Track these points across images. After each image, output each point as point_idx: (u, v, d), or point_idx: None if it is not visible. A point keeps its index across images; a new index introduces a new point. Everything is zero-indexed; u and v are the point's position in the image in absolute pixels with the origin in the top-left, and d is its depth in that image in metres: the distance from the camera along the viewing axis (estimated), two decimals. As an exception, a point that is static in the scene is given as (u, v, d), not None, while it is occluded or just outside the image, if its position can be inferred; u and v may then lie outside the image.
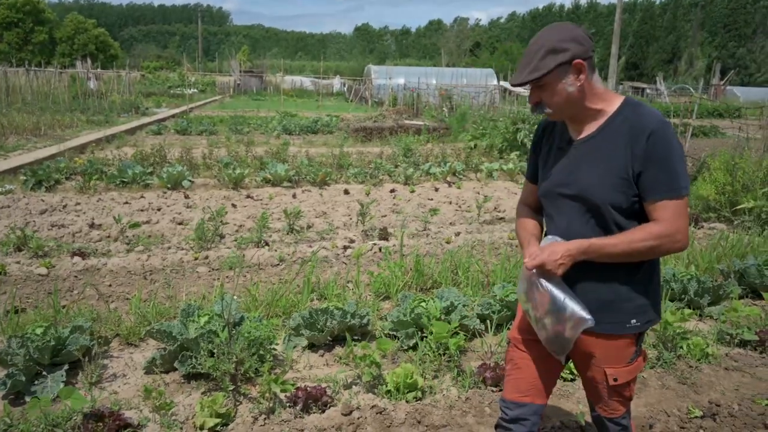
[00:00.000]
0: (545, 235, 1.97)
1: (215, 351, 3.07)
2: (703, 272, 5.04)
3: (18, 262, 4.93)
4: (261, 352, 3.24)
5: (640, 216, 1.79)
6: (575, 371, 3.33)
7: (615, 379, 1.90)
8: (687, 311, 3.78)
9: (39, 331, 3.10)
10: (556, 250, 1.77)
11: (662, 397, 3.25)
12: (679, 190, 1.70)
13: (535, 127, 9.05)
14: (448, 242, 5.92)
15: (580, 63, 1.73)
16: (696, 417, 3.05)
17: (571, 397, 3.21)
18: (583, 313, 1.76)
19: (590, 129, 1.84)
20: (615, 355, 1.89)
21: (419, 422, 2.88)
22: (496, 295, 3.99)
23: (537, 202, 2.06)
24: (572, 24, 1.81)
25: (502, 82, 24.93)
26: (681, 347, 3.66)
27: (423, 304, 3.77)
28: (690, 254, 5.29)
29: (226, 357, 3.00)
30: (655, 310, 1.89)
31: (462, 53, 71.97)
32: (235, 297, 3.72)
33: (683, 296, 4.35)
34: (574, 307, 1.77)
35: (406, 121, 16.45)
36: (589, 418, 2.74)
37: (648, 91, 36.45)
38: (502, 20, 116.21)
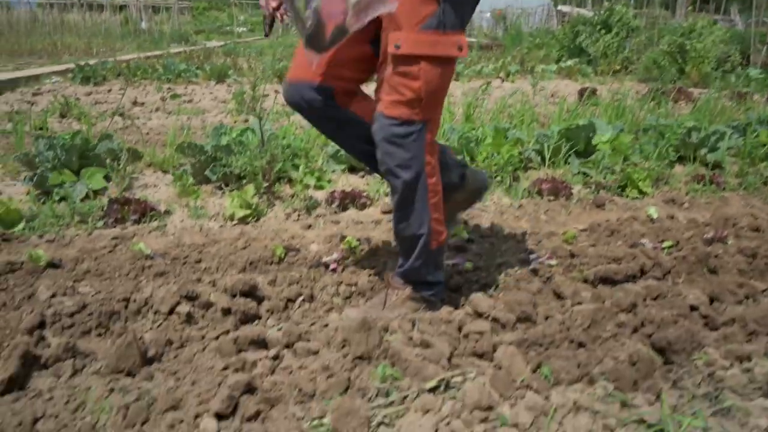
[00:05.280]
0: None
1: (249, 154, 2.88)
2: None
3: (60, 122, 4.87)
4: (296, 162, 3.03)
5: None
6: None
7: (397, 46, 1.50)
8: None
9: (67, 136, 2.98)
10: None
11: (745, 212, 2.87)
12: None
13: (599, 29, 8.10)
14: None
15: None
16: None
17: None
18: None
19: None
20: (405, 12, 1.46)
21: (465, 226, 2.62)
22: (552, 131, 3.63)
23: None
24: None
25: (560, 6, 23.54)
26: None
27: (473, 131, 3.47)
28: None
29: (259, 155, 2.81)
30: None
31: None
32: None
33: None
34: None
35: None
36: None
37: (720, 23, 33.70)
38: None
